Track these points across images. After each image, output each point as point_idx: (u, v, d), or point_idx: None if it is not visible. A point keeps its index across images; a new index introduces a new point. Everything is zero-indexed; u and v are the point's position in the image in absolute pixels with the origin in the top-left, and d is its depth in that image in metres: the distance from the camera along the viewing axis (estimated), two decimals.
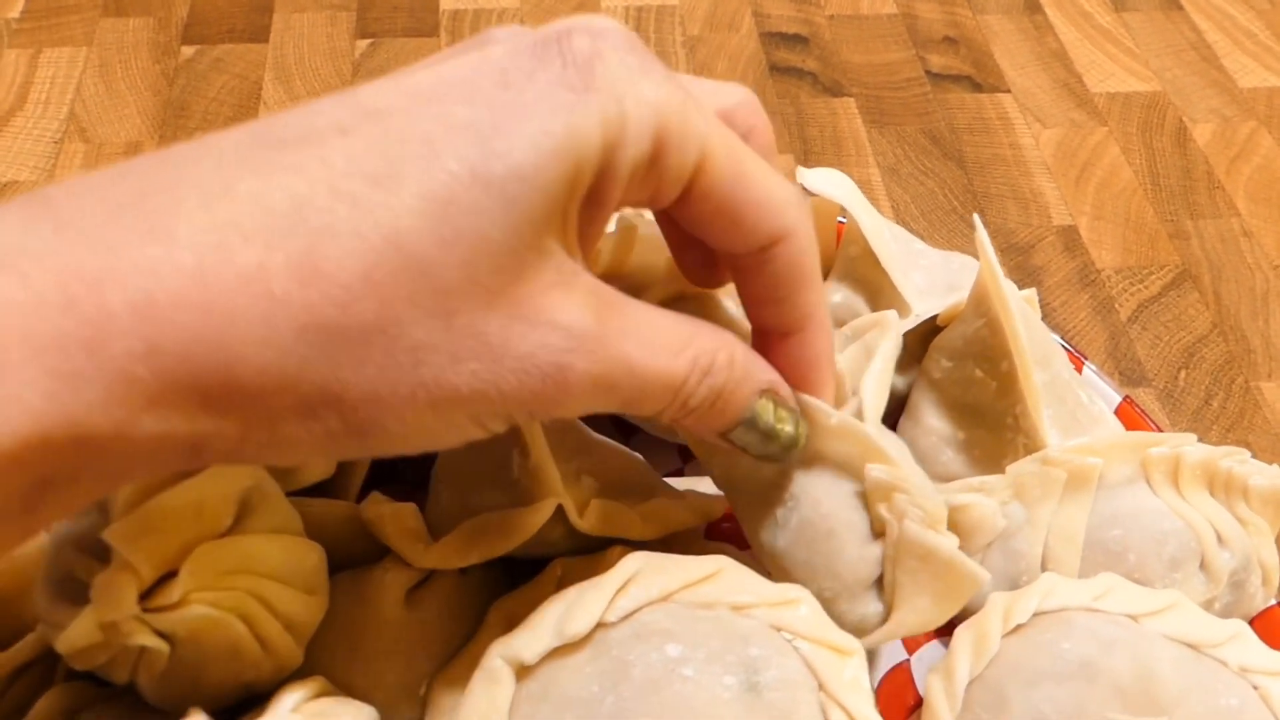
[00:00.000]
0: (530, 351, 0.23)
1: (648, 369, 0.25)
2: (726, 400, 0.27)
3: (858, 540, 0.30)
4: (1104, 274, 0.49)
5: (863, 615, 0.31)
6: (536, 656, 0.29)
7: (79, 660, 0.29)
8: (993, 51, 0.61)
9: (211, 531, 0.29)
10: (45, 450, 0.18)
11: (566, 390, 0.23)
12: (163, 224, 0.20)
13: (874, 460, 0.30)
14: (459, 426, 0.23)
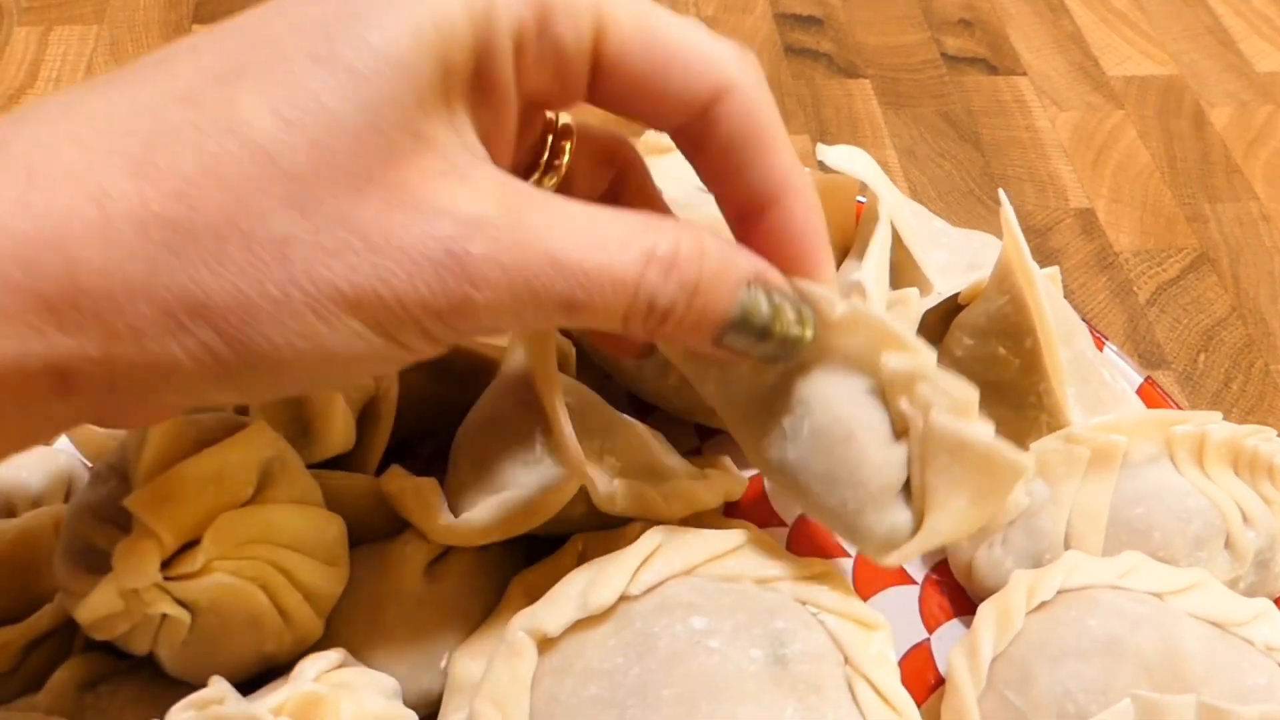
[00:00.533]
0: (415, 241, 0.21)
1: (582, 262, 0.22)
2: (706, 297, 0.24)
3: (880, 442, 0.27)
4: (1122, 257, 0.49)
5: (892, 526, 0.27)
6: (560, 629, 0.29)
7: (99, 630, 0.28)
8: (1008, 34, 0.61)
9: (233, 501, 0.29)
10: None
11: (470, 283, 0.21)
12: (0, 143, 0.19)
13: (890, 348, 0.26)
14: (359, 337, 0.21)
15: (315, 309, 0.20)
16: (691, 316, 0.24)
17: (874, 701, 0.28)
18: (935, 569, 0.37)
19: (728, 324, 0.25)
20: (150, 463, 0.28)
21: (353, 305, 0.21)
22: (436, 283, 0.21)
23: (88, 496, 0.29)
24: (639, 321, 0.24)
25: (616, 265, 0.23)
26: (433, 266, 0.21)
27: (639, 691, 0.27)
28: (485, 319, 0.22)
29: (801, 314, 0.26)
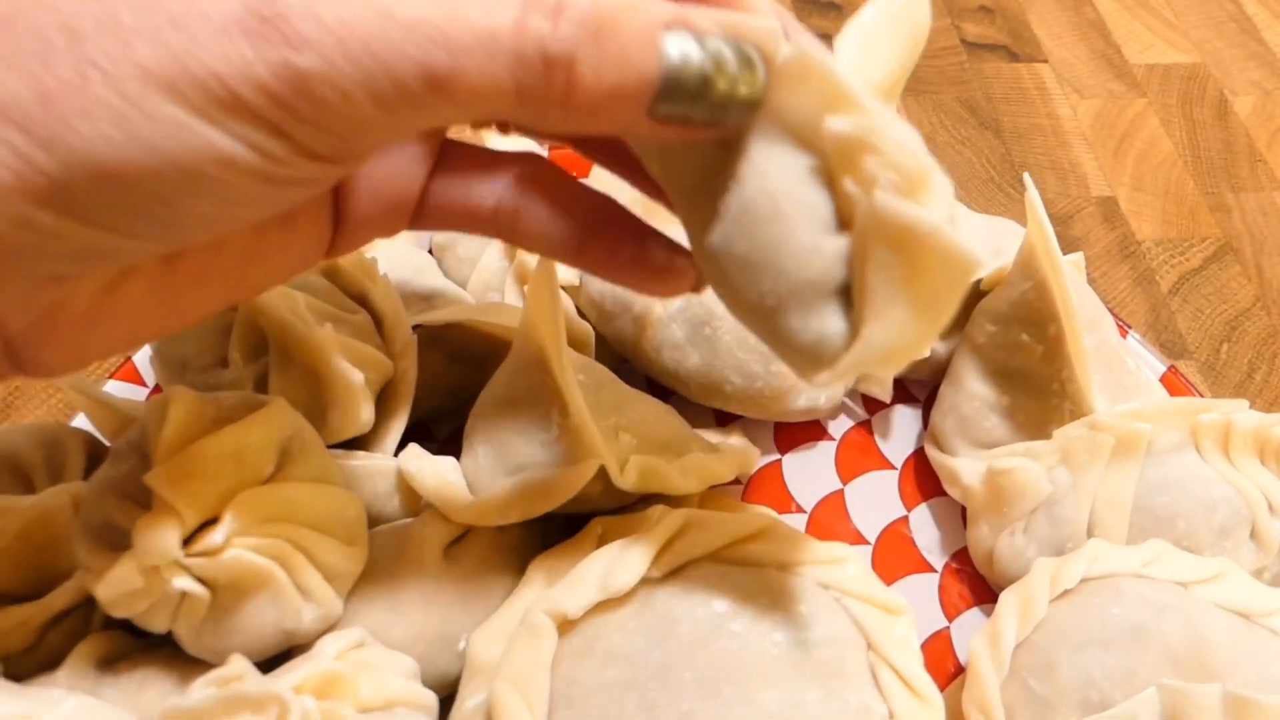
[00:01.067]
0: (223, 9, 0.19)
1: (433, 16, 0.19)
2: (616, 40, 0.20)
3: (813, 225, 0.22)
4: (1144, 245, 0.49)
5: (820, 334, 0.22)
6: (580, 611, 0.29)
7: (118, 607, 0.28)
8: (1029, 21, 0.60)
9: (253, 479, 0.29)
10: None
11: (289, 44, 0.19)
12: None
13: (841, 110, 0.21)
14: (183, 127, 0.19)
15: (119, 89, 0.18)
16: (607, 70, 0.20)
17: (897, 686, 0.28)
18: (955, 557, 0.37)
19: (657, 82, 0.20)
20: (170, 439, 0.28)
21: (162, 84, 0.18)
22: (250, 49, 0.19)
23: (108, 474, 0.29)
24: (539, 88, 0.20)
25: (483, 15, 0.19)
26: (242, 31, 0.19)
27: (661, 674, 0.27)
28: (328, 95, 0.19)
29: (748, 58, 0.21)
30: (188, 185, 0.19)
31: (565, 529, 0.34)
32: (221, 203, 0.20)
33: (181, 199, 0.20)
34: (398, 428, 0.35)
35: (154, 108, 0.18)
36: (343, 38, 0.19)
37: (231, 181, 0.20)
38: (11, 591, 0.31)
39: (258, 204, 0.21)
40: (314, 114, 0.19)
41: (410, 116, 0.20)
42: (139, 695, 0.29)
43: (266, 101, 0.19)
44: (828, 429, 0.40)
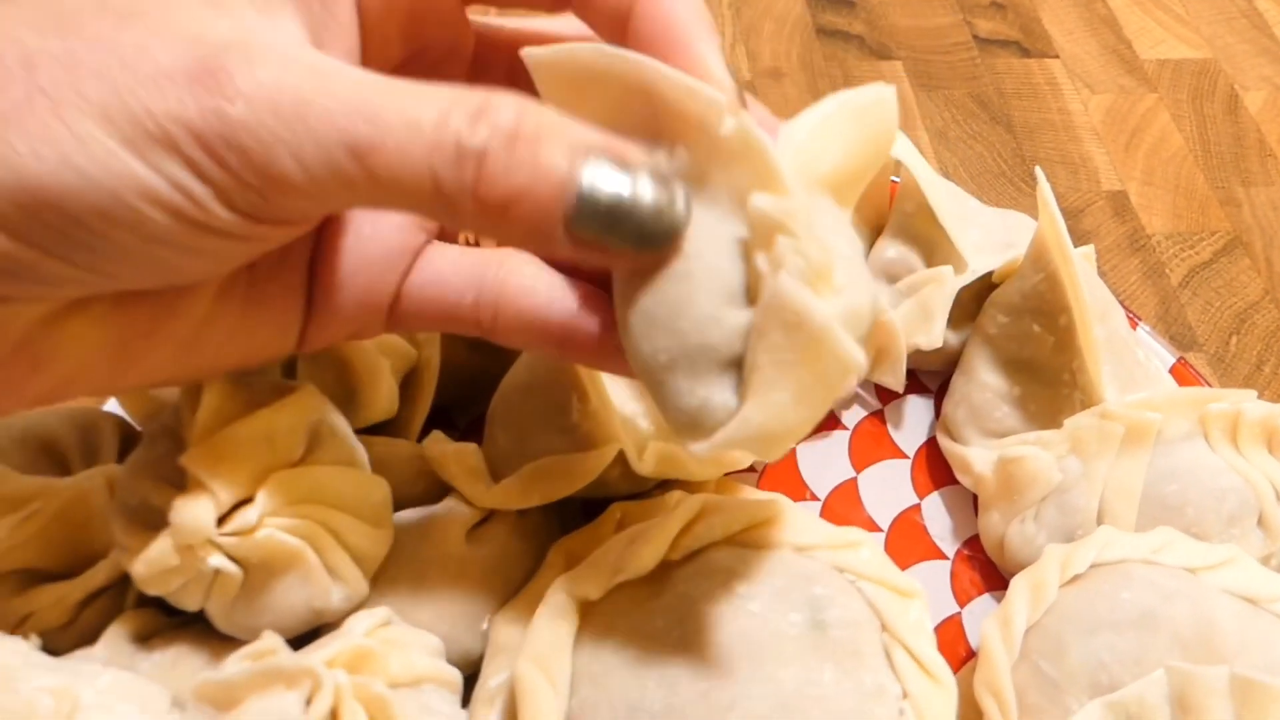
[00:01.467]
0: (166, 54, 0.20)
1: (368, 97, 0.20)
2: (532, 147, 0.21)
3: (719, 294, 0.22)
4: (1154, 239, 0.49)
5: (704, 402, 0.22)
6: (601, 592, 0.30)
7: (153, 584, 0.29)
8: (1040, 17, 0.61)
9: (283, 461, 0.29)
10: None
11: (224, 95, 0.20)
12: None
13: (769, 187, 0.21)
14: (112, 155, 0.20)
15: (59, 115, 0.20)
16: (516, 172, 0.21)
17: (910, 668, 0.29)
18: (966, 544, 0.38)
19: (571, 199, 0.21)
20: (204, 423, 0.29)
21: (99, 114, 0.20)
22: (188, 94, 0.20)
23: (143, 456, 0.30)
24: (452, 176, 0.21)
25: (411, 105, 0.21)
26: (185, 78, 0.20)
27: (681, 652, 0.28)
28: (251, 146, 0.20)
29: (671, 194, 0.22)
30: (109, 212, 0.20)
31: (585, 514, 0.35)
32: (142, 238, 0.21)
33: (102, 225, 0.21)
34: (421, 414, 0.35)
35: (87, 133, 0.20)
36: (275, 97, 0.20)
37: (151, 217, 0.21)
38: (48, 569, 0.32)
39: (178, 247, 0.22)
40: (236, 162, 0.20)
41: (330, 185, 0.21)
42: (172, 671, 0.30)
43: (191, 141, 0.20)
44: (841, 419, 0.40)
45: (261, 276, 0.26)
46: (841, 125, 0.24)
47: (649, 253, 0.22)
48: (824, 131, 0.23)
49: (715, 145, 0.21)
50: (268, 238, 0.23)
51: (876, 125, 0.24)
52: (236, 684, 0.26)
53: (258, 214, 0.22)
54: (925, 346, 0.38)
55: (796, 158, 0.22)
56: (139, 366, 0.25)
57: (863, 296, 0.22)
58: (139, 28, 0.21)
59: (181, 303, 0.25)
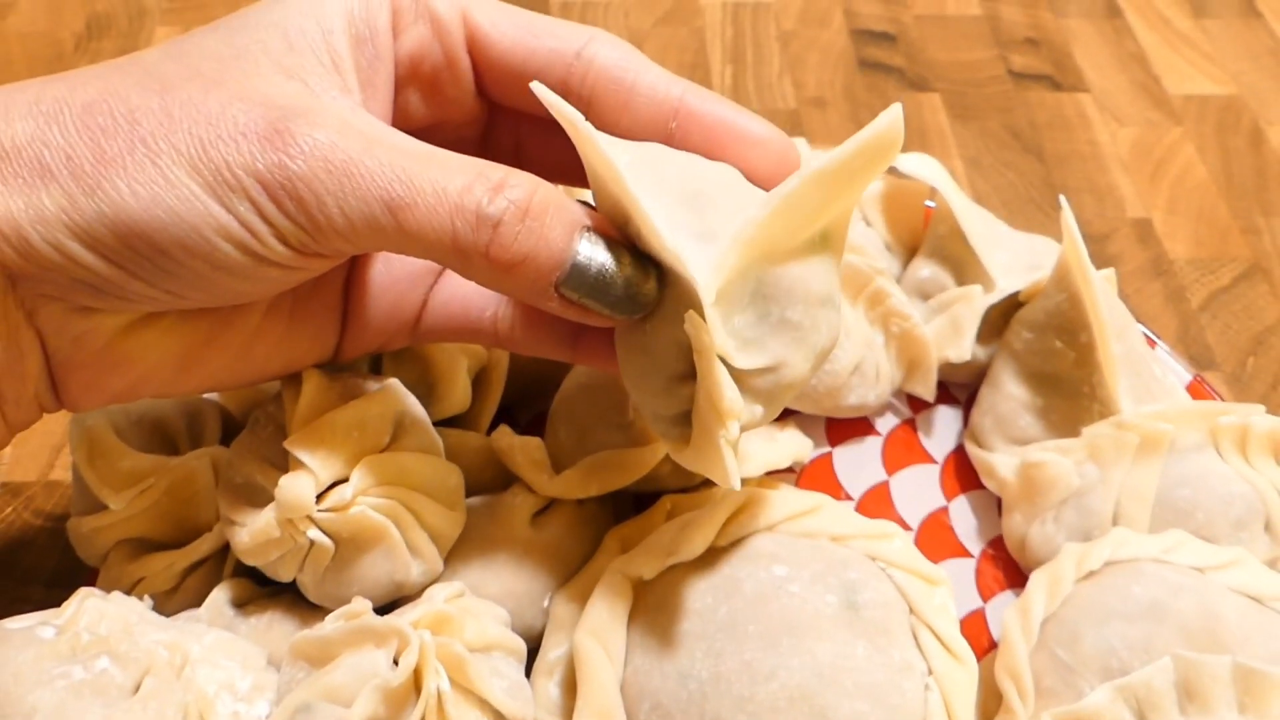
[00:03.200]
0: (246, 116, 0.25)
1: (406, 162, 0.25)
2: (540, 222, 0.25)
3: (668, 375, 0.28)
4: (1176, 264, 0.52)
5: (664, 431, 0.30)
6: (654, 572, 0.33)
7: (254, 555, 0.32)
8: (1073, 53, 0.63)
9: (373, 447, 0.33)
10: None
11: (288, 153, 0.24)
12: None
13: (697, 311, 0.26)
14: (195, 198, 0.24)
15: (154, 160, 0.24)
16: (524, 239, 0.25)
17: (936, 647, 0.32)
18: (991, 544, 0.40)
19: (565, 265, 0.26)
20: (304, 412, 0.32)
21: (188, 162, 0.24)
22: (259, 149, 0.24)
23: (247, 440, 0.34)
24: (470, 236, 0.25)
25: (441, 174, 0.25)
26: (258, 136, 0.25)
27: (727, 627, 0.31)
28: (306, 196, 0.25)
29: (645, 273, 0.27)
30: (188, 244, 0.25)
31: (637, 506, 0.38)
32: (212, 265, 0.26)
33: (182, 255, 0.25)
34: (491, 409, 0.39)
35: (176, 178, 0.24)
36: (329, 156, 0.25)
37: (221, 248, 0.25)
38: (158, 539, 0.35)
39: (241, 276, 0.26)
40: (293, 208, 0.25)
41: (366, 233, 0.25)
42: (267, 633, 0.33)
43: (258, 189, 0.25)
44: (875, 425, 0.43)
45: (304, 296, 0.31)
46: (811, 193, 0.26)
47: (622, 318, 0.27)
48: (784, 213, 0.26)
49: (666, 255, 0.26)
50: (311, 268, 0.27)
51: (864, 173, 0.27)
52: (332, 640, 0.30)
53: (306, 250, 0.26)
54: (955, 359, 0.41)
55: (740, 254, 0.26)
56: (200, 372, 0.30)
57: (802, 363, 0.28)
58: (223, 92, 0.25)
59: (237, 318, 0.30)
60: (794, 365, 0.28)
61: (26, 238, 0.24)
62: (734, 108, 0.29)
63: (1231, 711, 0.30)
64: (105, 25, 0.62)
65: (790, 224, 0.26)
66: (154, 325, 0.28)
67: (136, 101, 0.25)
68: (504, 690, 0.30)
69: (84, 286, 0.26)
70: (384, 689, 0.28)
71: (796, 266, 0.27)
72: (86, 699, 0.28)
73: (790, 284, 0.27)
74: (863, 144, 0.26)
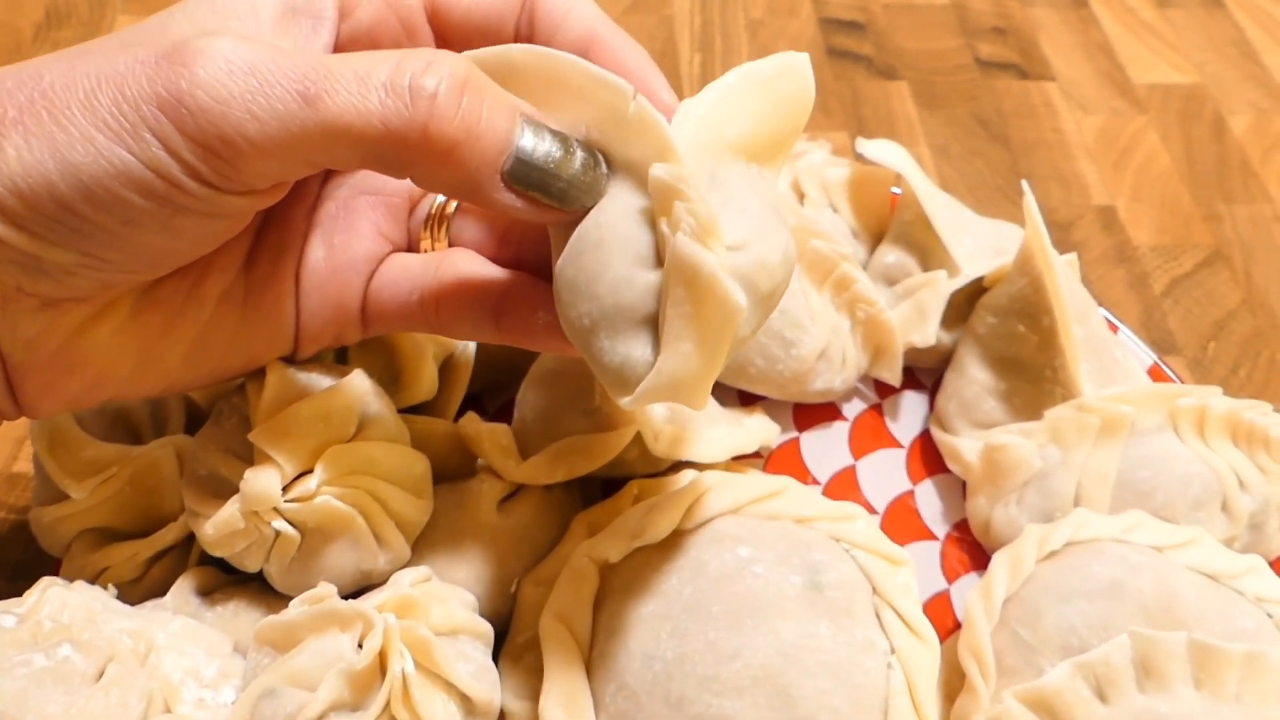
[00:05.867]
0: (146, 54, 0.23)
1: (317, 58, 0.23)
2: (478, 105, 0.24)
3: (628, 259, 0.25)
4: (1139, 251, 0.52)
5: (625, 358, 0.25)
6: (620, 555, 0.33)
7: (219, 546, 0.32)
8: (1039, 42, 0.64)
9: (338, 437, 0.33)
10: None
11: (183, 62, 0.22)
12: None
13: (664, 159, 0.25)
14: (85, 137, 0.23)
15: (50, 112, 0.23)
16: (467, 115, 0.23)
17: (898, 625, 0.32)
18: (956, 527, 0.41)
19: (512, 150, 0.24)
20: (269, 403, 0.32)
21: (83, 104, 0.23)
22: (154, 73, 0.23)
23: (211, 431, 0.34)
24: (404, 114, 0.23)
25: (362, 63, 0.23)
26: (154, 62, 0.23)
27: (692, 608, 0.31)
28: (209, 105, 0.22)
29: (593, 157, 0.25)
30: (93, 196, 0.23)
31: (605, 491, 0.38)
32: (123, 221, 0.24)
33: (89, 209, 0.23)
34: (458, 396, 0.39)
35: (72, 125, 0.23)
36: (231, 58, 0.23)
37: (129, 199, 0.23)
38: (122, 529, 0.35)
39: (157, 227, 0.24)
40: (195, 126, 0.22)
41: (285, 138, 0.23)
42: (233, 621, 0.33)
43: (157, 114, 0.23)
44: (842, 410, 0.43)
45: (256, 288, 0.30)
46: (746, 94, 0.26)
47: (574, 208, 0.25)
48: (727, 102, 0.26)
49: (622, 126, 0.25)
50: (238, 212, 0.26)
51: (790, 90, 0.27)
52: (296, 625, 0.30)
53: (224, 184, 0.24)
54: (920, 344, 0.42)
55: (696, 129, 0.25)
56: (157, 369, 0.29)
57: (771, 250, 0.25)
58: (140, 45, 0.24)
59: (188, 307, 0.29)
60: (761, 249, 0.25)
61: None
62: (642, 57, 0.28)
63: (1187, 686, 0.30)
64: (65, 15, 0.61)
65: (731, 118, 0.26)
66: (106, 322, 0.28)
67: (48, 66, 0.24)
68: (469, 673, 0.30)
69: (7, 265, 0.24)
70: (348, 672, 0.28)
71: (747, 169, 0.26)
72: (48, 687, 0.28)
73: (742, 180, 0.26)
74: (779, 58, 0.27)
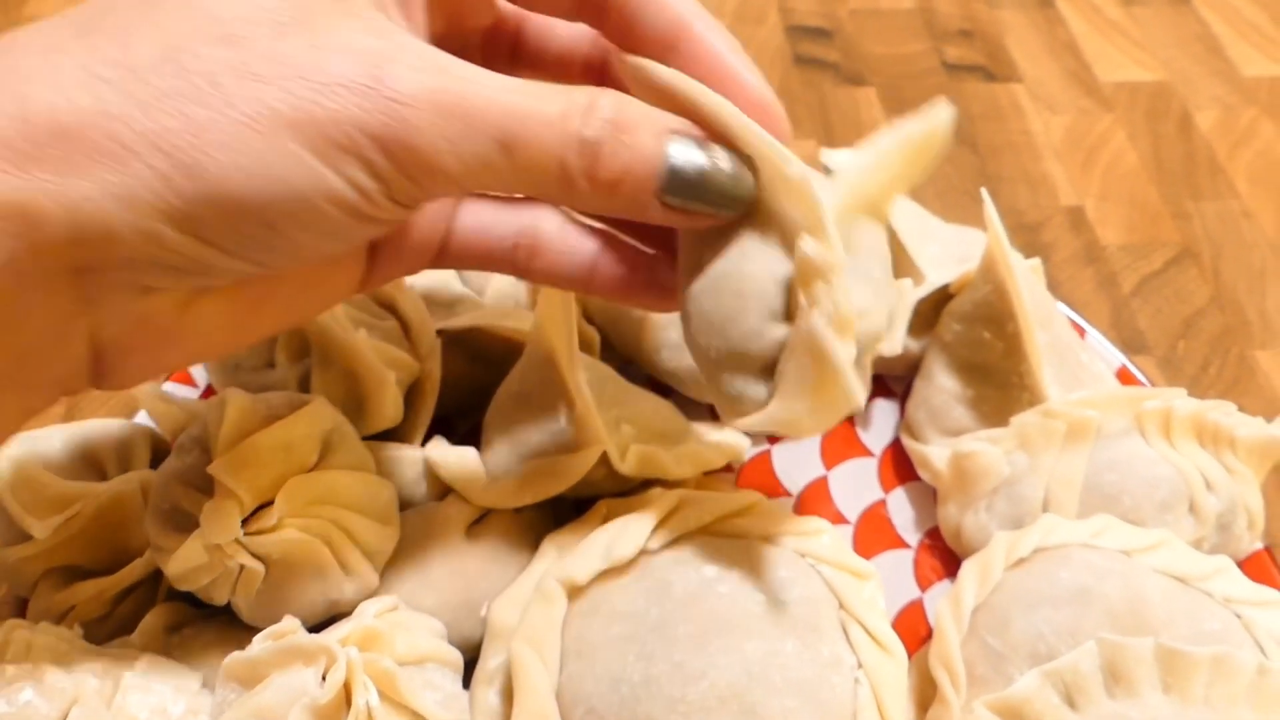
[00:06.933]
0: (337, 67, 0.22)
1: (511, 98, 0.24)
2: (633, 136, 0.25)
3: (763, 313, 0.27)
4: (1108, 251, 0.52)
5: (742, 392, 0.28)
6: (588, 577, 0.33)
7: (185, 581, 0.32)
8: (1006, 43, 0.64)
9: (300, 467, 0.33)
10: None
11: (397, 101, 0.23)
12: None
13: (813, 234, 0.26)
14: (301, 163, 0.22)
15: (254, 126, 0.22)
16: (622, 158, 0.25)
17: (865, 640, 0.32)
18: (928, 534, 0.41)
19: (663, 172, 0.25)
20: (228, 434, 0.32)
21: (290, 125, 0.22)
22: (367, 101, 0.22)
23: (173, 465, 0.34)
24: (575, 161, 0.25)
25: (544, 105, 0.24)
26: (360, 88, 0.22)
27: (659, 629, 0.31)
28: (421, 144, 0.23)
29: (740, 168, 0.26)
30: (297, 215, 0.23)
31: (574, 511, 0.38)
32: (318, 234, 0.24)
33: (289, 227, 0.23)
34: (424, 422, 0.39)
35: (281, 143, 0.22)
36: (438, 101, 0.23)
37: (332, 215, 0.24)
38: (88, 566, 0.35)
39: (343, 238, 0.25)
40: (407, 159, 0.23)
41: (481, 174, 0.24)
42: (202, 656, 0.33)
43: (370, 144, 0.23)
44: None
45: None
46: (895, 158, 0.28)
47: (727, 214, 0.27)
48: (877, 168, 0.28)
49: (778, 179, 0.26)
50: (404, 218, 0.26)
51: (927, 149, 0.29)
52: (261, 661, 0.30)
53: (411, 203, 0.25)
54: (887, 353, 0.42)
55: (847, 197, 0.27)
56: (250, 330, 0.28)
57: (884, 316, 0.28)
58: (299, 40, 0.23)
59: (288, 273, 0.27)
60: (876, 317, 0.28)
61: (110, 228, 0.22)
62: (733, 48, 0.28)
63: (1155, 691, 0.30)
64: None
65: (874, 181, 0.28)
66: (213, 295, 0.26)
67: (210, 57, 0.22)
68: (436, 702, 0.30)
69: (165, 269, 0.23)
70: (313, 707, 0.28)
71: (872, 229, 0.29)
72: None
73: (870, 243, 0.28)
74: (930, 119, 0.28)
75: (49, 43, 0.22)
